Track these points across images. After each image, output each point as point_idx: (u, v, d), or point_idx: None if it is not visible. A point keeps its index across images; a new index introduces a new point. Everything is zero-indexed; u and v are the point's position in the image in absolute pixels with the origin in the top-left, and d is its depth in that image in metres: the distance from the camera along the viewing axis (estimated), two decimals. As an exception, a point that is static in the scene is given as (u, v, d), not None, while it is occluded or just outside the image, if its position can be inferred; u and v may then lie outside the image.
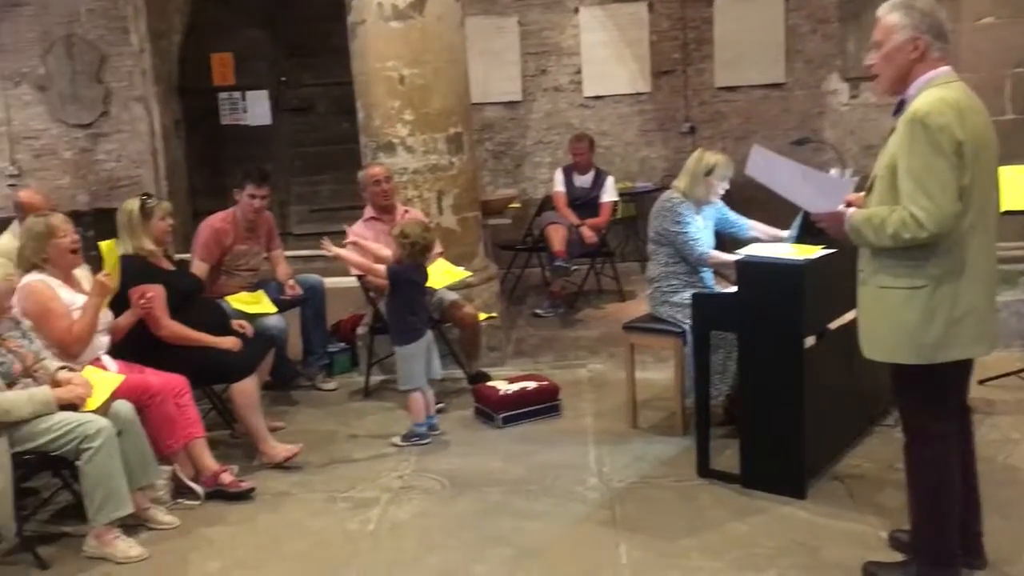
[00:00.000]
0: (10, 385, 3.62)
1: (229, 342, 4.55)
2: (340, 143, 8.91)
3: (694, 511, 3.79)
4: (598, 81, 8.58)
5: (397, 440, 4.68)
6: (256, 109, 9.10)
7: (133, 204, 4.57)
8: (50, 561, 3.64)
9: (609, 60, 8.54)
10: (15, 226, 5.59)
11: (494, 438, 4.73)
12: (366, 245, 5.05)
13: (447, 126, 5.71)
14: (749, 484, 3.90)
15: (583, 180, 7.30)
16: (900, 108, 2.92)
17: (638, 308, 6.58)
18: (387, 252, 4.84)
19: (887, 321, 2.92)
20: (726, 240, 4.78)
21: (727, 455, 4.13)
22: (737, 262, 3.93)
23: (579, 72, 8.61)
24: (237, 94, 9.09)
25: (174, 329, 4.44)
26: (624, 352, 4.87)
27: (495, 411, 4.85)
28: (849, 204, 3.08)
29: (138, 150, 8.88)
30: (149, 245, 4.51)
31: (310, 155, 9.17)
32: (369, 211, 5.50)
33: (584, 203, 7.21)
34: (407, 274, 4.63)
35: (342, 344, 6.01)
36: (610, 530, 3.66)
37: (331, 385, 5.71)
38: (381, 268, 4.72)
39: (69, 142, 8.93)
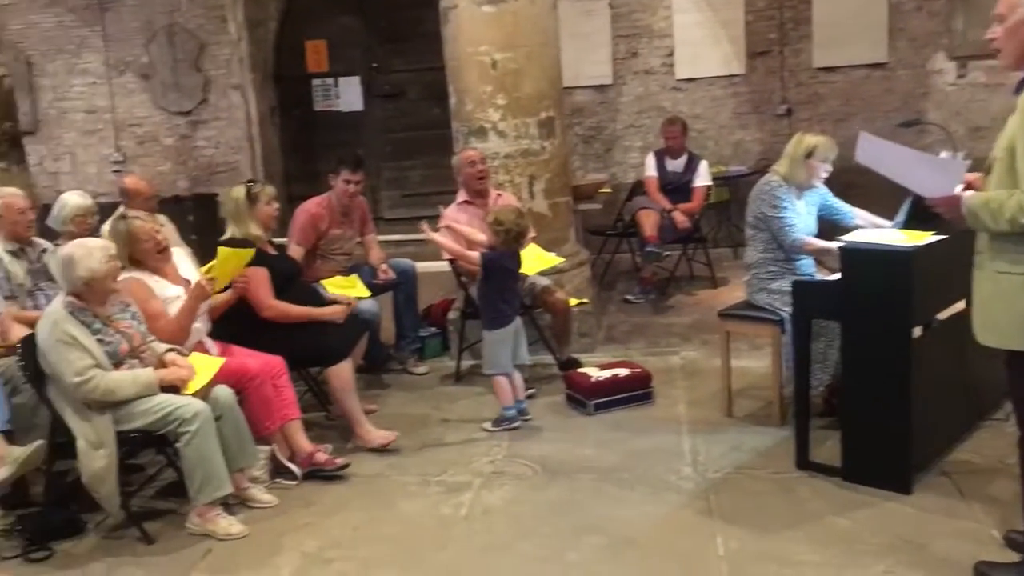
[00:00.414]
0: (117, 365, 3.73)
1: (333, 311, 4.59)
2: (430, 129, 8.97)
3: (793, 503, 3.68)
4: (691, 63, 8.41)
5: (488, 425, 4.68)
6: (348, 95, 9.21)
7: (239, 191, 4.65)
8: (155, 536, 3.75)
9: (702, 41, 8.36)
10: (121, 211, 5.78)
11: (585, 425, 4.69)
12: (461, 230, 5.06)
13: (539, 110, 5.67)
14: (851, 477, 3.77)
15: (675, 164, 7.17)
16: (1022, 86, 2.76)
17: (731, 295, 6.48)
18: (482, 237, 4.84)
19: (1003, 307, 2.80)
20: (828, 227, 4.63)
21: (827, 447, 4.01)
22: (841, 248, 3.79)
23: (671, 54, 8.47)
24: (330, 80, 9.22)
25: (279, 308, 4.52)
26: (718, 340, 4.78)
27: (587, 397, 4.81)
28: (968, 186, 2.94)
29: (235, 136, 9.11)
30: (256, 230, 4.59)
31: (401, 141, 9.24)
32: (462, 195, 5.50)
33: (676, 188, 7.09)
34: (500, 261, 4.62)
35: (433, 328, 6.05)
36: (706, 520, 3.59)
37: (422, 369, 5.75)
38: (474, 255, 4.71)
39: (170, 129, 9.21)
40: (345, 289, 5.33)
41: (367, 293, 5.39)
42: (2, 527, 3.80)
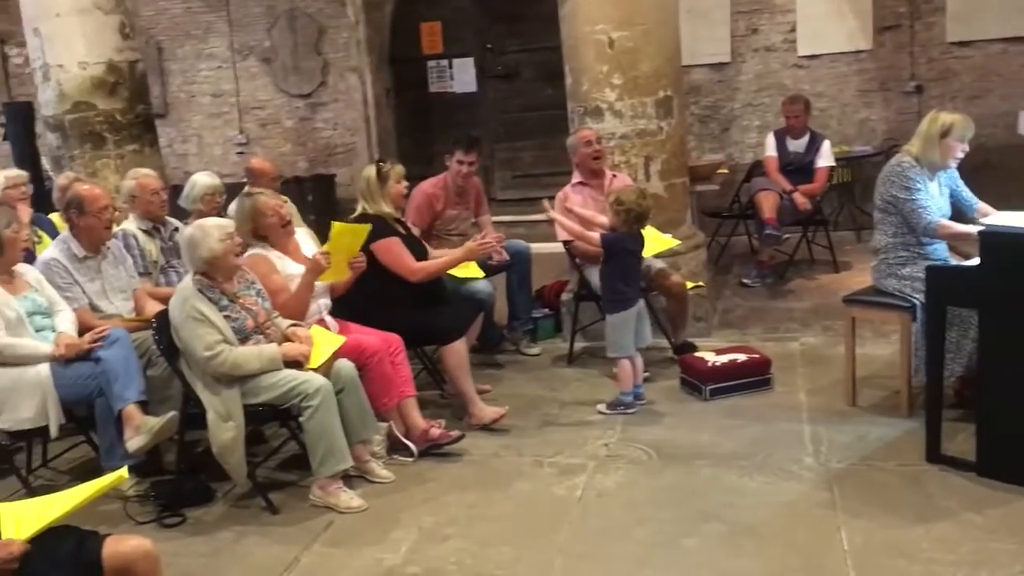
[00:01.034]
0: (243, 341, 3.85)
1: (465, 253, 4.68)
2: (544, 109, 8.95)
3: (922, 498, 3.53)
4: (814, 39, 8.12)
5: (602, 408, 4.65)
6: (462, 76, 9.26)
7: (370, 170, 4.74)
8: (279, 506, 3.86)
9: (827, 16, 8.05)
10: (247, 191, 5.96)
11: (701, 410, 4.61)
12: (581, 213, 5.01)
13: (656, 89, 5.57)
14: (986, 473, 3.59)
15: (797, 144, 6.94)
16: None
17: (854, 280, 6.26)
18: (603, 219, 4.78)
19: None
20: (954, 212, 4.40)
21: (959, 440, 3.83)
22: (981, 232, 3.59)
23: (793, 30, 8.19)
24: (444, 62, 9.28)
25: (425, 268, 4.62)
26: (840, 326, 4.63)
27: (703, 382, 4.72)
28: None
29: (352, 118, 9.28)
30: (387, 208, 4.68)
31: (514, 121, 9.25)
32: (577, 176, 5.46)
33: (797, 168, 6.86)
34: (621, 242, 4.57)
35: (546, 310, 6.04)
36: (829, 513, 3.48)
37: (535, 350, 5.75)
38: (594, 236, 4.67)
39: (290, 111, 9.45)
40: (459, 269, 5.36)
41: (481, 274, 5.40)
42: (138, 493, 3.99)
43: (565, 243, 5.38)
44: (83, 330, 4.12)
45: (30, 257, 4.50)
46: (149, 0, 9.30)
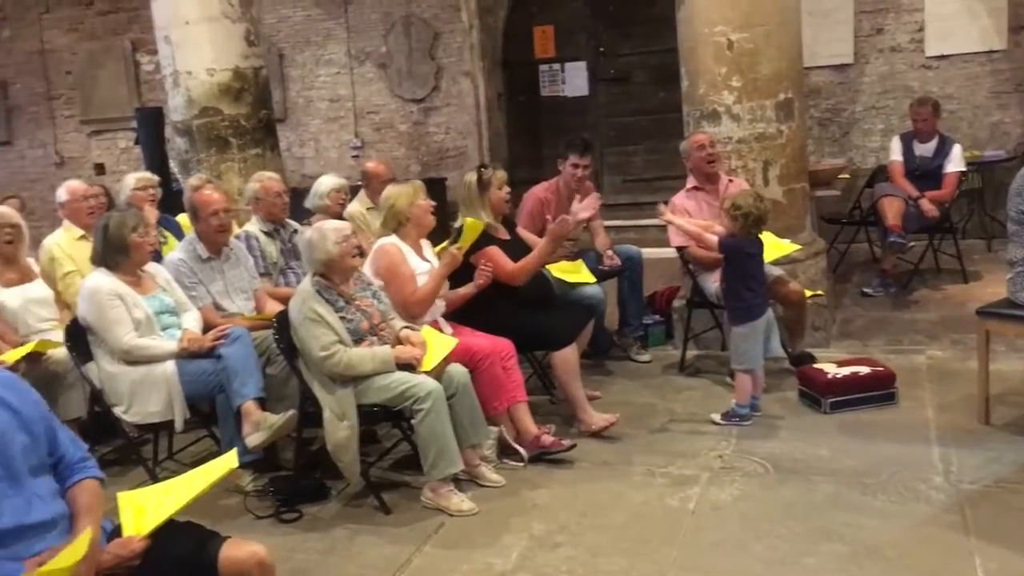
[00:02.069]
0: (358, 342, 3.91)
1: (549, 236, 4.61)
2: (655, 113, 8.86)
3: (1065, 526, 3.32)
4: (943, 39, 7.78)
5: (717, 417, 4.54)
6: (574, 80, 9.23)
7: (471, 176, 4.75)
8: (392, 506, 3.90)
9: (957, 15, 7.70)
10: (362, 194, 6.08)
11: (820, 424, 4.45)
12: (694, 223, 4.89)
13: (777, 92, 5.42)
14: None
15: (924, 148, 6.64)
16: None
17: (983, 291, 5.97)
18: (719, 229, 4.66)
19: None
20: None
21: (1106, 465, 3.59)
22: None
23: (921, 30, 7.86)
24: (556, 66, 9.28)
25: (522, 268, 4.59)
26: (971, 339, 4.40)
27: (822, 395, 4.56)
28: None
29: (464, 122, 9.36)
30: (487, 216, 4.67)
31: (625, 125, 9.17)
32: (691, 181, 5.35)
33: (924, 173, 6.57)
34: (740, 246, 4.45)
35: (657, 316, 5.95)
36: (961, 537, 3.30)
37: (646, 357, 5.67)
38: (712, 238, 4.56)
39: (404, 116, 9.60)
40: (570, 274, 5.34)
41: (592, 279, 5.36)
42: (256, 488, 4.09)
43: (678, 248, 5.28)
44: (207, 328, 4.26)
45: (156, 257, 4.68)
46: (272, 8, 9.58)
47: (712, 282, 5.03)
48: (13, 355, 4.09)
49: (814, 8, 7.71)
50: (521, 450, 4.25)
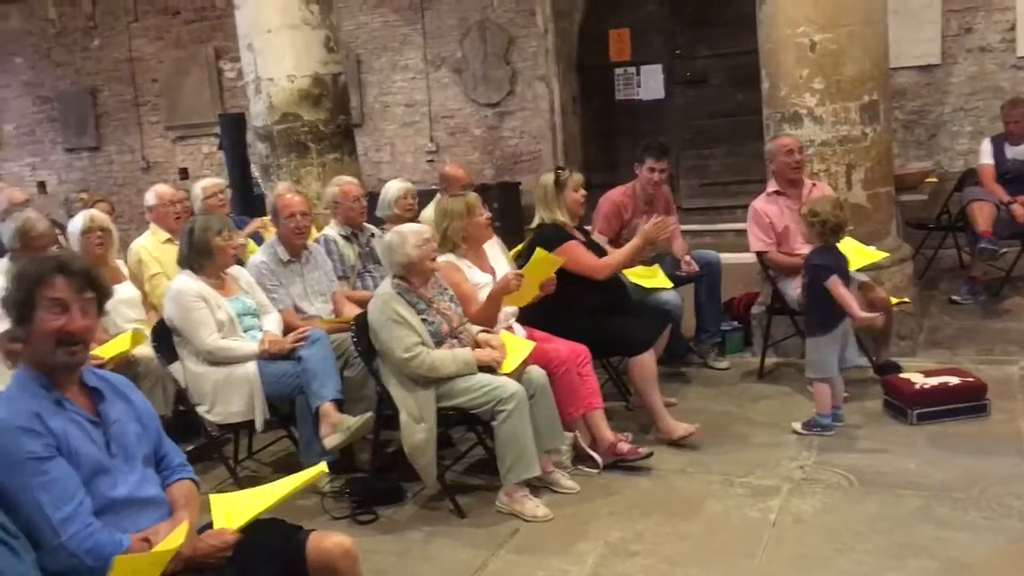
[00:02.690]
0: (438, 344, 3.92)
1: (643, 237, 4.61)
2: (732, 116, 8.72)
3: None
4: (1037, 38, 7.48)
5: (798, 427, 4.44)
6: (650, 83, 9.14)
7: (548, 178, 4.74)
8: (466, 510, 3.90)
9: (1051, 13, 7.40)
10: (439, 198, 6.11)
11: (907, 435, 4.31)
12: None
13: (861, 94, 5.28)
14: None
15: (1017, 151, 6.39)
16: None
17: (1083, 300, 5.72)
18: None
19: None
20: None
21: None
22: None
23: (1012, 29, 7.56)
24: (632, 69, 9.20)
25: (608, 264, 4.59)
26: (1070, 350, 4.20)
27: (909, 406, 4.42)
28: None
29: (538, 126, 9.35)
30: (563, 216, 4.66)
31: (701, 128, 9.05)
32: (773, 185, 5.25)
33: (1016, 177, 6.31)
34: (817, 257, 4.34)
35: (735, 322, 5.86)
36: (1059, 557, 3.16)
37: (723, 364, 5.58)
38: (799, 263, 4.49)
39: (479, 120, 9.64)
40: (647, 279, 5.28)
41: (669, 284, 5.30)
42: (333, 489, 4.13)
43: (758, 254, 5.19)
44: (286, 330, 4.33)
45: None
46: (350, 15, 9.71)
47: (793, 288, 4.93)
48: (111, 347, 4.20)
49: (899, 7, 7.47)
50: (596, 457, 4.21)
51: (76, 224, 4.72)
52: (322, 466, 2.86)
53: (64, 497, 2.23)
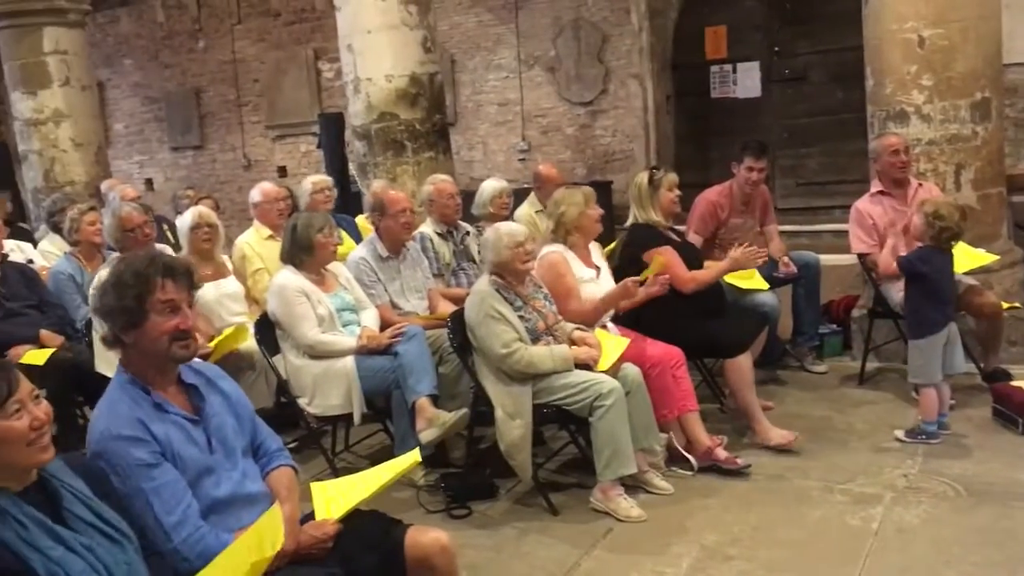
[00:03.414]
0: (535, 341, 3.94)
1: (731, 263, 4.54)
2: (832, 114, 8.53)
3: None
4: None
5: (901, 434, 4.31)
6: (746, 81, 9.01)
7: (642, 177, 4.71)
8: (560, 508, 3.90)
9: None
10: (532, 197, 6.14)
11: (1018, 445, 4.15)
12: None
13: (972, 91, 5.10)
14: None
15: None
16: None
17: None
18: (891, 243, 4.44)
19: None
20: None
21: None
22: None
23: None
24: (728, 67, 9.07)
25: (696, 278, 4.51)
26: None
27: (1019, 414, 4.25)
28: None
29: (631, 125, 9.31)
30: (656, 216, 4.63)
31: (799, 127, 8.87)
32: (877, 185, 5.10)
33: None
34: (922, 265, 4.22)
35: (833, 326, 5.72)
36: None
37: (821, 368, 5.45)
38: (891, 263, 4.35)
39: (571, 119, 9.64)
40: (743, 280, 5.19)
41: (766, 286, 5.20)
42: (427, 483, 4.19)
43: (860, 255, 5.05)
44: (383, 326, 4.40)
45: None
46: (445, 15, 9.82)
47: (897, 291, 4.77)
48: (221, 342, 4.33)
49: (1012, 1, 7.19)
50: (691, 458, 4.16)
51: (185, 220, 4.89)
52: (416, 453, 2.88)
53: (173, 502, 2.28)
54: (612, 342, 4.07)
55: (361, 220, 6.03)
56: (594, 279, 4.31)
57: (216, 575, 2.15)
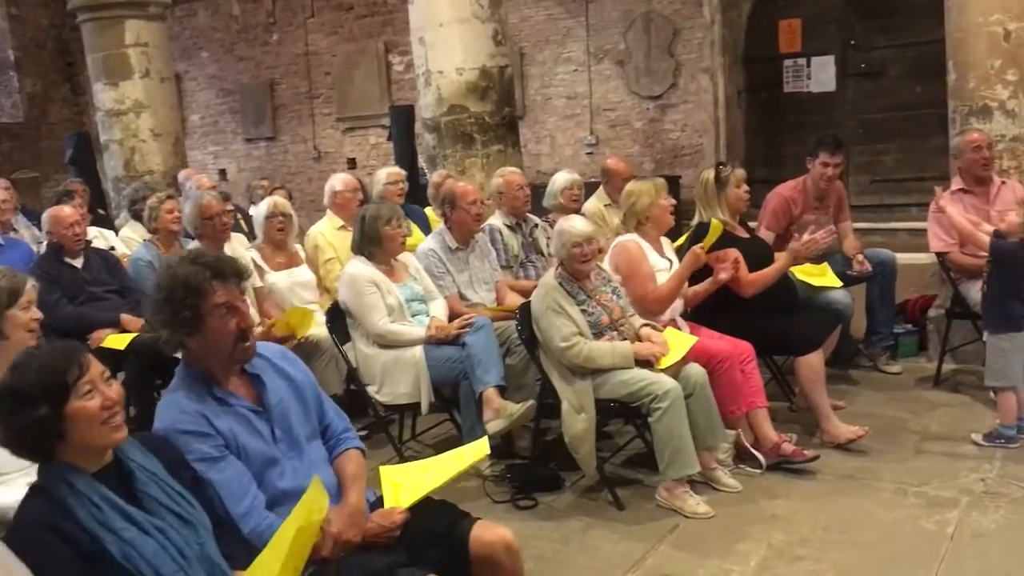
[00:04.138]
0: (598, 336, 3.93)
1: (790, 256, 4.46)
2: (910, 109, 8.32)
3: None
4: None
5: (978, 438, 4.20)
6: (820, 75, 8.83)
7: (708, 174, 4.66)
8: (625, 503, 3.89)
9: None
10: (600, 191, 6.13)
11: (1104, 453, 4.01)
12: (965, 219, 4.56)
13: (1060, 86, 4.93)
14: None
15: None
16: None
17: None
18: (988, 228, 4.30)
19: None
20: None
21: None
22: None
23: None
24: (802, 61, 8.90)
25: (754, 283, 4.44)
26: None
27: (1104, 421, 4.11)
28: None
29: (701, 120, 9.20)
30: (723, 214, 4.57)
31: (875, 122, 8.67)
32: (958, 182, 4.97)
33: None
34: (1017, 252, 4.09)
35: (908, 325, 5.60)
36: None
37: (895, 368, 5.34)
38: (984, 238, 4.22)
39: (640, 113, 9.57)
40: (816, 277, 5.11)
41: (839, 283, 5.11)
42: (494, 473, 4.21)
43: (938, 254, 4.93)
44: (452, 316, 4.43)
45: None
46: (515, 8, 9.83)
47: (976, 291, 4.64)
48: (283, 321, 4.39)
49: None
50: (760, 456, 4.12)
51: (261, 209, 4.99)
52: (484, 443, 2.88)
53: (239, 494, 2.31)
54: (679, 339, 4.04)
55: (430, 211, 6.08)
56: (667, 270, 4.29)
57: (270, 556, 2.17)
